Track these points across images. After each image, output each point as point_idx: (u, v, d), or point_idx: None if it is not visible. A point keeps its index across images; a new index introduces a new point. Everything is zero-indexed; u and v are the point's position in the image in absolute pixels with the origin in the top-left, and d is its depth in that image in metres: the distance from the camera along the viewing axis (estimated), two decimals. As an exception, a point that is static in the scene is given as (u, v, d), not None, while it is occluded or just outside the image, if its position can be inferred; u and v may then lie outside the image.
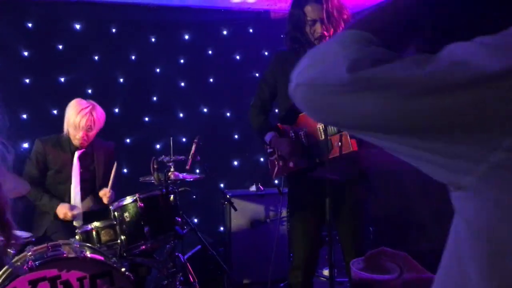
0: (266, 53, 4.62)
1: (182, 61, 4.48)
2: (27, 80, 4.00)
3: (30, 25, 4.06)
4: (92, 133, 2.98)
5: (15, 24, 3.98)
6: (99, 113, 3.00)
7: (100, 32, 4.24)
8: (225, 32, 4.58)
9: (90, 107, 2.96)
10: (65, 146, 2.98)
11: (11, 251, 2.22)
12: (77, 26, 4.17)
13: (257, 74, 4.49)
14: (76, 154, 2.96)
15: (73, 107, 2.96)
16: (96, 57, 4.22)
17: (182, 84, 4.48)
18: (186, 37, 4.49)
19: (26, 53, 4.02)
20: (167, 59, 4.42)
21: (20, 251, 2.28)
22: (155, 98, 4.41)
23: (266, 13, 4.59)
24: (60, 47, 4.12)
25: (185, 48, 4.48)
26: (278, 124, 2.40)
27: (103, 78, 4.22)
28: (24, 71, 3.98)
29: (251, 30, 4.67)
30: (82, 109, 2.92)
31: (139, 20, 4.32)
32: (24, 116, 3.96)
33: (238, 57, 4.62)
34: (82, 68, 4.14)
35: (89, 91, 4.15)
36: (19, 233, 2.43)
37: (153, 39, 4.39)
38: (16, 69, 3.93)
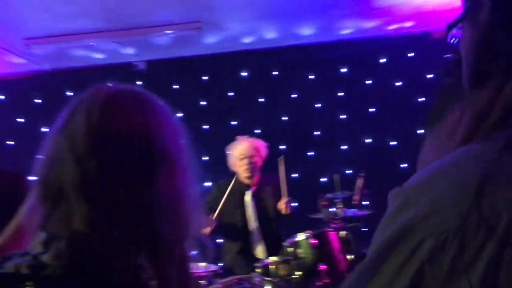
0: (429, 76, 4.38)
1: (340, 94, 4.53)
2: (206, 126, 4.52)
3: (205, 78, 4.62)
4: (256, 160, 3.17)
5: (194, 79, 4.58)
6: (256, 142, 3.24)
7: (263, 76, 4.59)
8: (383, 60, 4.50)
9: (246, 138, 3.26)
10: (235, 188, 3.21)
11: (204, 283, 2.48)
12: (243, 74, 4.59)
13: (422, 99, 4.27)
14: (248, 194, 3.19)
15: (234, 145, 3.28)
16: (261, 100, 4.56)
17: (343, 116, 4.52)
18: (343, 70, 4.55)
19: (203, 103, 4.57)
20: (326, 94, 4.52)
21: (210, 282, 2.53)
22: (316, 133, 4.52)
23: (427, 35, 4.37)
24: (230, 94, 4.58)
25: (343, 81, 4.53)
26: None
27: (268, 118, 4.52)
28: (203, 119, 4.51)
29: (411, 54, 4.49)
30: (240, 141, 3.25)
31: (297, 61, 4.54)
32: (206, 158, 4.46)
33: (399, 84, 4.48)
34: (250, 111, 4.51)
35: (256, 131, 4.49)
36: (207, 265, 2.70)
37: (311, 77, 4.55)
38: (196, 117, 4.48)
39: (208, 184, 4.22)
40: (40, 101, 4.62)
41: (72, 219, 0.66)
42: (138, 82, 4.53)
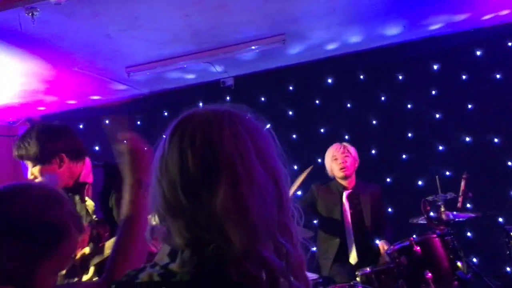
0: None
1: (434, 92, 4.32)
2: (294, 136, 4.57)
3: (291, 88, 4.69)
4: (348, 161, 3.29)
5: (280, 90, 4.66)
6: (349, 146, 3.39)
7: (349, 81, 4.53)
8: (479, 53, 4.22)
9: (340, 143, 3.44)
10: (334, 189, 3.32)
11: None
12: (329, 81, 4.57)
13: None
14: (344, 194, 3.25)
15: (328, 151, 3.47)
16: (349, 105, 4.50)
17: (438, 115, 4.30)
18: (435, 67, 4.34)
19: (290, 112, 4.63)
20: (418, 93, 4.34)
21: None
22: (410, 134, 4.35)
23: (526, 21, 4.03)
24: (317, 101, 4.58)
25: (436, 78, 4.32)
26: None
27: (357, 123, 4.45)
28: (291, 128, 4.57)
29: (510, 44, 4.16)
30: (332, 146, 3.44)
31: (383, 62, 4.42)
32: (295, 167, 4.50)
33: (498, 76, 4.16)
34: (338, 117, 4.48)
35: (346, 137, 4.44)
36: (308, 274, 2.73)
37: (400, 77, 4.40)
38: (284, 127, 4.54)
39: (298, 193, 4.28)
40: (139, 123, 5.00)
41: (191, 231, 0.74)
42: (227, 98, 4.73)
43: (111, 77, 4.22)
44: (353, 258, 3.13)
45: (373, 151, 4.39)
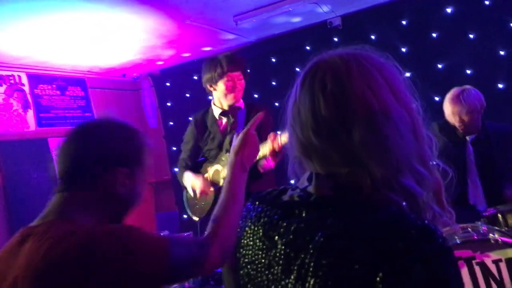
0: None
1: None
2: (408, 74, 4.31)
3: (404, 22, 4.37)
4: (470, 120, 2.93)
5: (392, 25, 4.38)
6: (468, 97, 2.93)
7: (472, 9, 4.08)
8: None
9: (458, 93, 2.96)
10: (457, 131, 3.04)
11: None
12: (448, 10, 4.16)
13: None
14: (468, 139, 3.00)
15: (446, 97, 3.04)
16: (472, 36, 4.08)
17: None
18: None
19: (403, 49, 4.35)
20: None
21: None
22: (546, 64, 3.84)
23: None
24: (434, 35, 4.23)
25: None
26: None
27: (481, 55, 4.03)
28: (405, 65, 4.29)
29: None
30: (450, 97, 2.99)
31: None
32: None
33: None
34: (459, 50, 4.10)
35: (468, 72, 4.07)
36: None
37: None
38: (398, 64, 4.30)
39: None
40: (248, 70, 5.12)
41: (327, 168, 0.83)
42: (334, 39, 4.59)
43: (220, 27, 4.35)
44: (479, 204, 2.95)
45: (500, 85, 3.97)
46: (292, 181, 0.96)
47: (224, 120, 2.99)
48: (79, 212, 1.21)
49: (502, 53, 3.97)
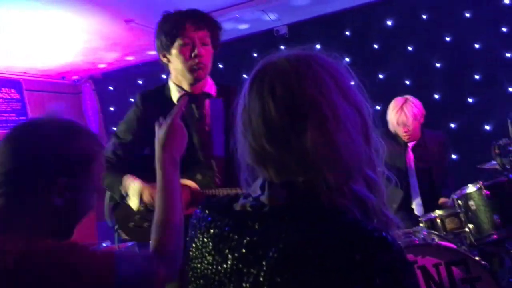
0: None
1: (504, 29, 4.00)
2: (351, 83, 4.44)
3: (347, 33, 4.51)
4: (413, 127, 3.05)
5: (336, 36, 4.50)
6: (411, 107, 3.05)
7: (411, 23, 4.28)
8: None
9: (402, 103, 3.07)
10: (399, 139, 3.15)
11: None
12: (389, 23, 4.34)
13: None
14: (409, 145, 3.13)
15: (390, 107, 3.14)
16: (410, 48, 4.28)
17: (508, 55, 3.99)
18: (506, 1, 3.98)
19: (347, 59, 4.48)
20: (487, 31, 4.03)
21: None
22: (477, 76, 4.09)
23: None
24: (376, 46, 4.39)
25: (508, 13, 3.97)
26: None
27: (419, 67, 4.24)
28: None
29: None
30: (394, 107, 3.09)
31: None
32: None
33: None
34: (398, 61, 4.28)
35: (407, 82, 4.25)
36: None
37: (467, 14, 4.09)
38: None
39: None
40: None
41: (282, 176, 0.78)
42: (281, 47, 4.64)
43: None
44: (417, 208, 3.07)
45: (436, 96, 4.19)
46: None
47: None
48: (13, 224, 1.08)
49: (438, 65, 4.20)
